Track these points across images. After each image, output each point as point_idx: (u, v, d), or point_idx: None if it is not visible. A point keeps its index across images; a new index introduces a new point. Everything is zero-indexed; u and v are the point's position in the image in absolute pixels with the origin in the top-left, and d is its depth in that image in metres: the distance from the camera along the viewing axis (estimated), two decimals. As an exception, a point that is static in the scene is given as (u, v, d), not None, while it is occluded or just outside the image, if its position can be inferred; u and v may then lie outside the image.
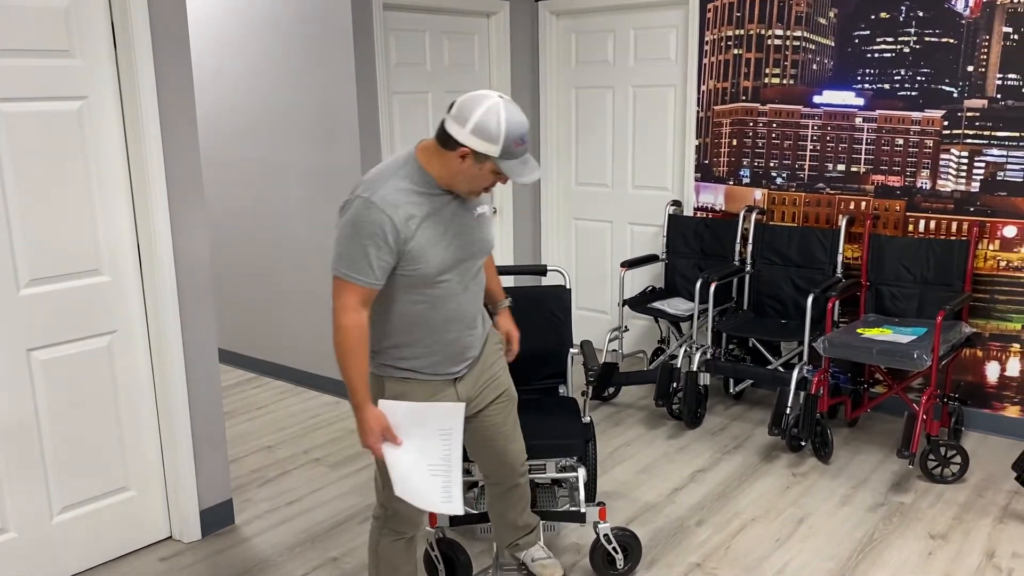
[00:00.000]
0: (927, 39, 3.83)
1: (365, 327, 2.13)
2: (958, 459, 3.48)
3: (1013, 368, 3.84)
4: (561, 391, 3.20)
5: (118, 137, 2.86)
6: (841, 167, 4.16)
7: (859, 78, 4.03)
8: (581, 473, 2.87)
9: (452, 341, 2.27)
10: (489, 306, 2.56)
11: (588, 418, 2.95)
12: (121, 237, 2.91)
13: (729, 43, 4.37)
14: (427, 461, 2.16)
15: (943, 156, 3.88)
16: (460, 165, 2.10)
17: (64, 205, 2.76)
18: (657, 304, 4.34)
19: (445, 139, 2.09)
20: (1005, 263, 3.79)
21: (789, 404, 3.72)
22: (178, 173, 2.97)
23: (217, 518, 3.23)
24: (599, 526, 2.80)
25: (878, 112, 4.01)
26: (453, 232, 2.19)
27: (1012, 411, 3.87)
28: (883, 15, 3.92)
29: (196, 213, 3.04)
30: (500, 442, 2.49)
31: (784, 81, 4.25)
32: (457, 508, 2.16)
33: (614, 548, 2.81)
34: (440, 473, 2.16)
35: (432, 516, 2.78)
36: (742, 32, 4.32)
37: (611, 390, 4.47)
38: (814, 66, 4.14)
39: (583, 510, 2.83)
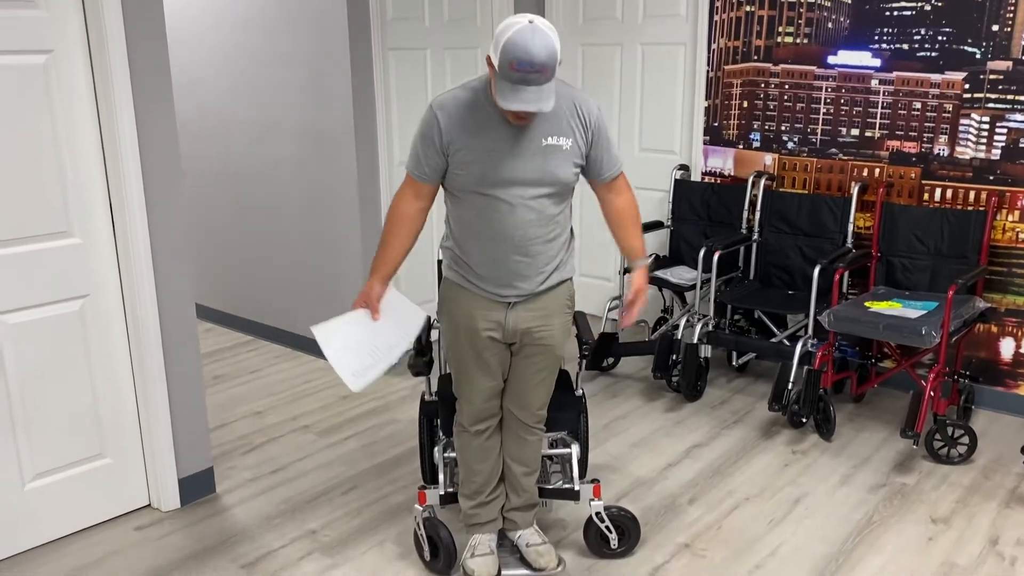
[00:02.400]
0: (950, -4, 3.61)
1: (408, 214, 2.36)
2: (966, 439, 3.34)
3: (1029, 345, 3.67)
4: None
5: (87, 92, 2.74)
6: (855, 132, 3.96)
7: (876, 37, 3.82)
8: (575, 449, 2.77)
9: (499, 259, 2.34)
10: (629, 264, 2.55)
11: (581, 391, 2.84)
12: (92, 198, 2.81)
13: (741, -1, 4.16)
14: (375, 342, 2.36)
15: (963, 121, 3.67)
16: (492, 76, 2.15)
17: (30, 165, 2.65)
18: (660, 273, 4.20)
19: None
20: (1024, 235, 3.61)
21: (791, 379, 3.58)
22: (151, 130, 2.85)
23: (197, 486, 3.16)
24: (593, 504, 2.70)
25: (895, 74, 3.81)
26: (507, 151, 2.24)
27: (1026, 390, 3.71)
28: (904, -30, 3.70)
29: (171, 171, 2.93)
30: (523, 384, 2.53)
31: (798, 40, 4.04)
32: (356, 386, 2.32)
33: (608, 527, 2.71)
34: (374, 357, 2.35)
35: (421, 494, 2.69)
36: (755, -12, 4.11)
37: (609, 360, 4.34)
38: (829, 24, 3.93)
39: (577, 487, 2.73)
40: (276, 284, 4.73)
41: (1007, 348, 3.73)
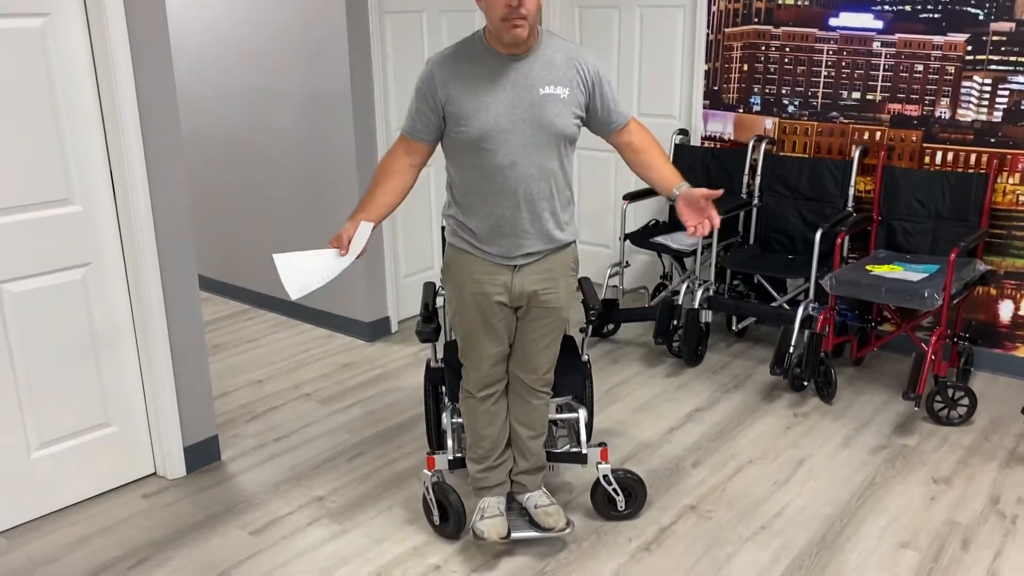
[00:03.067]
0: (954, -44, 3.58)
1: (395, 168, 2.38)
2: (966, 401, 3.37)
3: (1027, 307, 3.69)
4: (557, 328, 3.08)
5: (85, 57, 2.69)
6: (856, 95, 3.94)
7: (879, -1, 3.79)
8: (582, 413, 2.79)
9: (502, 218, 2.35)
10: (668, 194, 2.44)
11: (586, 356, 2.85)
12: (92, 164, 2.77)
13: (742, -39, 4.12)
14: (327, 270, 2.36)
15: (964, 84, 3.66)
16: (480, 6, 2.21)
17: (28, 131, 2.61)
18: (660, 239, 4.19)
19: None
20: (1025, 198, 3.61)
21: (793, 343, 3.60)
22: (150, 94, 2.81)
23: (202, 454, 3.16)
24: (600, 467, 2.72)
25: (897, 36, 3.78)
26: (503, 102, 2.26)
27: (1024, 351, 3.74)
28: (907, -70, 3.66)
29: (171, 137, 2.89)
30: (529, 347, 2.54)
31: (799, 2, 4.00)
32: (293, 294, 2.33)
33: (615, 490, 2.73)
34: (313, 277, 2.35)
35: (430, 459, 2.70)
36: (756, -51, 4.06)
37: (610, 327, 4.35)
38: (831, -14, 3.89)
39: (584, 451, 2.74)
40: (273, 252, 4.68)
41: (1006, 310, 3.75)
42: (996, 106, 3.60)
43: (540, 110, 2.28)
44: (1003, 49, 3.54)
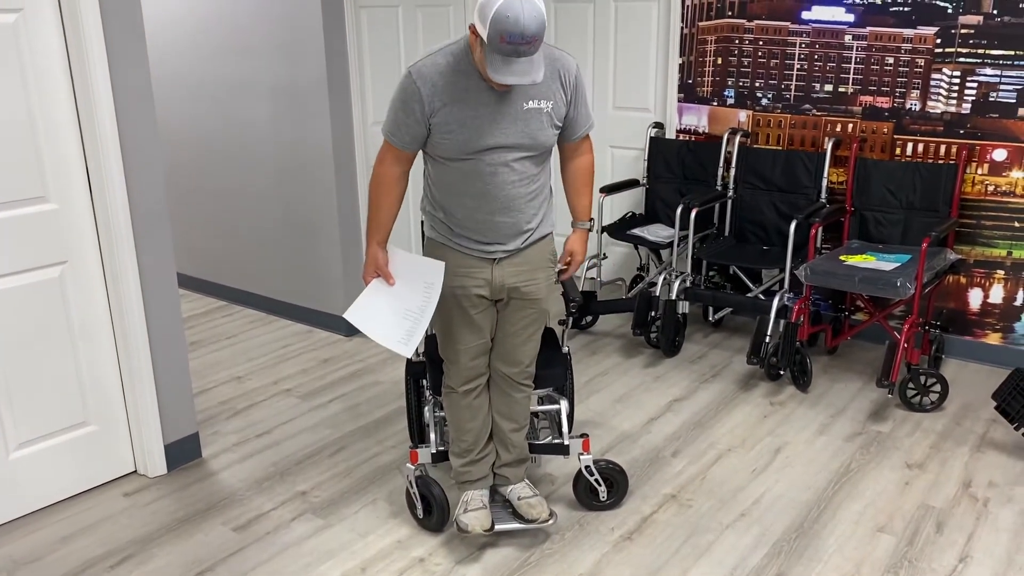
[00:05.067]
0: (923, -49, 3.64)
1: (392, 181, 2.37)
2: (938, 387, 3.44)
3: (996, 295, 3.77)
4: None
5: (59, 52, 2.66)
6: (828, 88, 4.00)
7: (850, -7, 3.84)
8: (564, 405, 2.81)
9: (483, 221, 2.36)
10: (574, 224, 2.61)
11: (567, 348, 2.87)
12: (68, 161, 2.74)
13: (715, -45, 4.15)
14: (405, 305, 2.40)
15: (934, 76, 3.73)
16: (474, 44, 2.15)
17: (2, 129, 2.58)
18: (636, 231, 4.23)
19: None
20: (993, 188, 3.68)
21: (769, 332, 3.65)
22: (126, 90, 2.79)
23: (183, 451, 3.15)
24: (582, 457, 2.75)
25: (868, 29, 3.84)
26: (488, 116, 2.23)
27: (993, 338, 3.82)
28: (877, -76, 3.72)
29: (147, 132, 2.87)
30: (511, 340, 2.55)
31: (772, -4, 4.04)
32: (408, 352, 2.35)
33: (597, 480, 2.76)
34: (410, 319, 2.38)
35: (413, 454, 2.71)
36: (729, -57, 4.10)
37: (588, 319, 4.38)
38: (803, -20, 3.94)
39: (567, 442, 2.77)
40: (250, 247, 4.67)
41: (976, 298, 3.83)
42: (965, 98, 3.67)
43: (524, 124, 2.28)
44: (971, 42, 3.61)
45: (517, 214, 2.39)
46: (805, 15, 3.98)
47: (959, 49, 3.64)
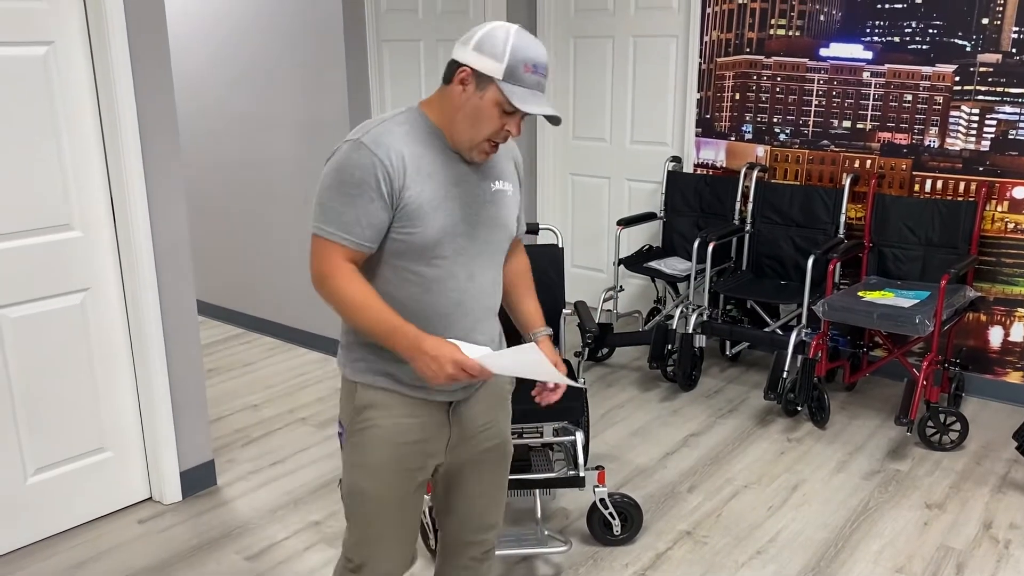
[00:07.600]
0: (941, -11, 3.66)
1: (352, 281, 1.70)
2: (957, 426, 3.40)
3: (1017, 333, 3.74)
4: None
5: (88, 85, 2.72)
6: (847, 123, 4.01)
7: (868, 30, 3.86)
8: (579, 437, 2.80)
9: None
10: (525, 335, 1.96)
11: (582, 380, 2.87)
12: (93, 190, 2.79)
13: (733, -8, 4.19)
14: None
15: (953, 113, 3.73)
16: (460, 97, 1.68)
17: (31, 157, 2.63)
18: (654, 264, 4.23)
19: (448, 70, 1.71)
20: (1013, 225, 3.67)
21: (786, 368, 3.63)
22: (152, 122, 2.84)
23: (198, 479, 3.16)
24: (597, 490, 2.73)
25: (887, 66, 3.85)
26: (458, 198, 1.73)
27: (1014, 377, 3.78)
28: (895, -37, 3.75)
29: (171, 164, 2.92)
30: (483, 502, 1.96)
31: (790, 32, 4.08)
32: (571, 380, 1.77)
33: (611, 514, 2.75)
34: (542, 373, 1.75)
35: (428, 484, 2.66)
36: (747, -20, 4.14)
37: (604, 351, 4.38)
38: (821, 17, 3.97)
39: (582, 474, 2.75)
40: (270, 276, 4.71)
41: (996, 336, 3.79)
42: (984, 135, 3.66)
43: (495, 209, 1.79)
44: (990, 80, 3.61)
45: (491, 331, 1.84)
46: (823, 52, 4.00)
47: (978, 87, 3.64)
